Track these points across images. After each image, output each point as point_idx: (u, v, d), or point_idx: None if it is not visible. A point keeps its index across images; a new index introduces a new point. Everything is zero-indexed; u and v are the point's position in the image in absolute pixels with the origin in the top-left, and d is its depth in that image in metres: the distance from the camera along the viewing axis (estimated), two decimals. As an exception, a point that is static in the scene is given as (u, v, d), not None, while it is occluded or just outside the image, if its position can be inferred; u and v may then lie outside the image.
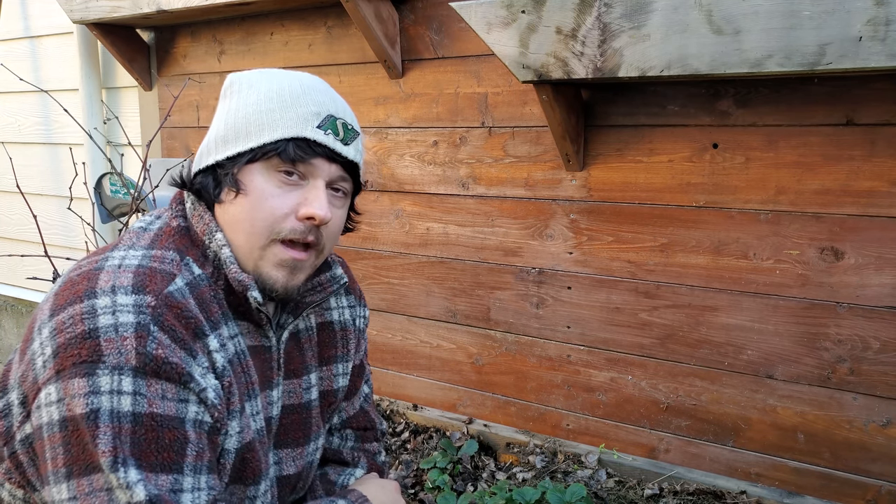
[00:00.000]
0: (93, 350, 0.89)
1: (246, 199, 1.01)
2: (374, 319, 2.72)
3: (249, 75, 1.06)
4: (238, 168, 1.01)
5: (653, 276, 2.12)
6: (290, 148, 0.99)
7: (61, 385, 0.89)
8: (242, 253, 1.03)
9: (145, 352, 0.89)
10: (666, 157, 2.06)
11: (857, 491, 1.90)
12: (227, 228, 1.03)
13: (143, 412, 0.89)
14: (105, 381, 0.88)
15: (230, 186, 1.01)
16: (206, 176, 1.04)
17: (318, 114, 1.01)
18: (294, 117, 1.00)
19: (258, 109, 1.01)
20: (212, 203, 1.05)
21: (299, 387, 1.17)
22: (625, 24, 1.77)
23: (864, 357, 1.86)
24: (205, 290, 1.01)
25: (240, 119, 1.02)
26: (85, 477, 0.88)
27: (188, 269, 1.00)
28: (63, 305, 0.93)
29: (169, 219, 1.07)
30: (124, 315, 0.91)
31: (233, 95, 1.05)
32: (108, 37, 3.08)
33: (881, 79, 1.75)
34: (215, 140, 1.04)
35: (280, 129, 0.99)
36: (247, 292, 1.01)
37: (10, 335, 4.02)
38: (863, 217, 1.82)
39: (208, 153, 1.04)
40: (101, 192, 2.95)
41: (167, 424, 0.90)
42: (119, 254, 0.99)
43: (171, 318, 0.93)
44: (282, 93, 1.02)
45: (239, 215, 1.01)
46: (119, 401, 0.88)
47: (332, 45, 2.67)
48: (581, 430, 2.31)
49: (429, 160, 2.50)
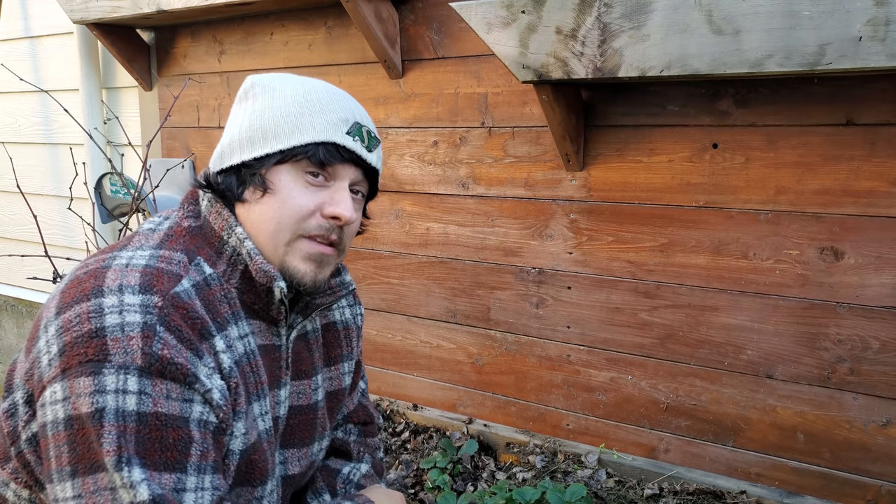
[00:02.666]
0: (99, 349, 0.89)
1: (273, 197, 1.03)
2: (373, 319, 2.72)
3: (271, 78, 1.08)
4: (266, 168, 1.03)
5: (653, 276, 2.12)
6: (321, 151, 1.02)
7: (67, 383, 0.89)
8: (267, 250, 1.04)
9: (151, 352, 0.90)
10: (666, 157, 2.06)
11: (857, 491, 1.90)
12: (251, 226, 1.05)
13: (148, 411, 0.89)
14: (111, 380, 0.88)
15: (257, 186, 1.03)
16: (230, 176, 1.06)
17: (346, 120, 1.05)
18: (324, 122, 1.03)
19: (287, 112, 1.03)
20: (232, 202, 1.06)
21: (308, 388, 1.18)
22: (625, 24, 1.77)
23: (864, 357, 1.86)
24: (215, 290, 1.01)
25: (267, 121, 1.03)
26: (90, 475, 0.88)
27: (198, 269, 1.01)
28: (70, 303, 0.93)
29: (179, 219, 1.07)
30: (131, 315, 0.91)
31: (255, 97, 1.06)
32: (108, 37, 3.08)
33: (881, 79, 1.75)
34: (239, 141, 1.05)
35: (310, 133, 1.02)
36: (272, 283, 1.03)
37: (10, 335, 4.02)
38: (863, 217, 1.82)
39: (231, 153, 1.06)
40: (102, 192, 2.96)
41: (171, 424, 0.90)
42: (127, 253, 0.99)
43: (177, 319, 0.93)
44: (309, 97, 1.05)
45: (265, 213, 1.03)
46: (124, 400, 0.88)
47: (332, 45, 2.67)
48: (581, 430, 2.31)
49: (429, 160, 2.50)
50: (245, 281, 1.04)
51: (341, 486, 1.28)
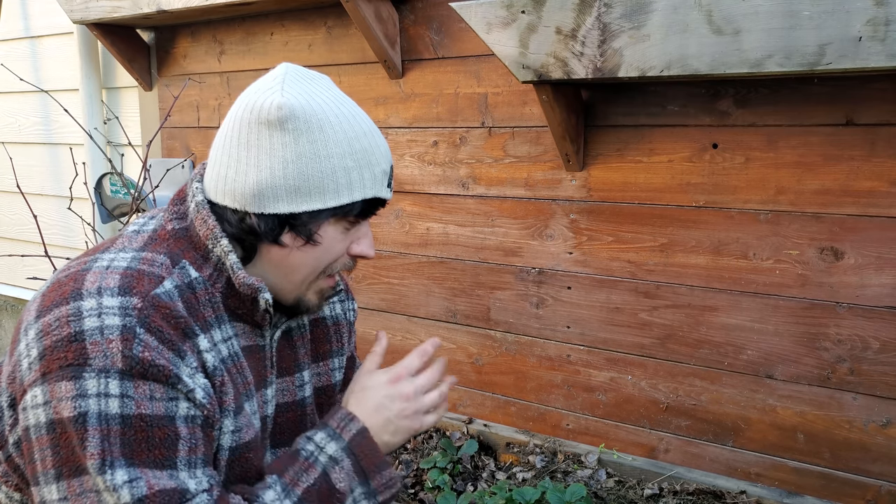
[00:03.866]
0: (79, 353, 0.89)
1: (316, 248, 1.03)
2: (374, 319, 2.72)
3: (308, 110, 0.99)
4: (318, 224, 1.02)
5: (653, 276, 2.12)
6: (366, 206, 1.04)
7: (47, 387, 0.89)
8: (288, 289, 1.06)
9: (131, 354, 0.89)
10: (666, 157, 2.06)
11: (856, 491, 1.90)
12: (276, 267, 1.04)
13: (132, 413, 0.89)
14: (92, 384, 0.88)
15: (301, 235, 1.02)
16: (271, 220, 1.01)
17: (385, 171, 1.05)
18: (371, 177, 1.03)
19: (341, 166, 1.00)
20: (259, 242, 1.04)
21: (292, 384, 1.18)
22: (625, 24, 1.77)
23: (864, 357, 1.86)
24: (199, 294, 1.01)
25: (316, 171, 0.99)
26: (75, 478, 0.88)
27: (183, 272, 1.00)
28: (49, 307, 0.93)
29: (164, 221, 1.06)
30: (110, 318, 0.91)
31: (298, 134, 0.98)
32: (108, 37, 3.08)
33: (881, 79, 1.75)
34: (286, 188, 0.99)
35: (360, 191, 1.02)
36: (257, 294, 1.02)
37: (10, 335, 4.02)
38: (863, 217, 1.82)
39: (276, 199, 0.99)
40: (102, 192, 2.96)
41: (157, 423, 0.90)
42: (109, 256, 0.99)
43: (157, 320, 0.93)
44: (354, 145, 1.01)
45: (304, 260, 1.04)
46: (107, 403, 0.88)
47: (332, 45, 2.67)
48: (581, 430, 2.31)
49: (429, 160, 2.50)
50: (230, 287, 1.03)
51: None
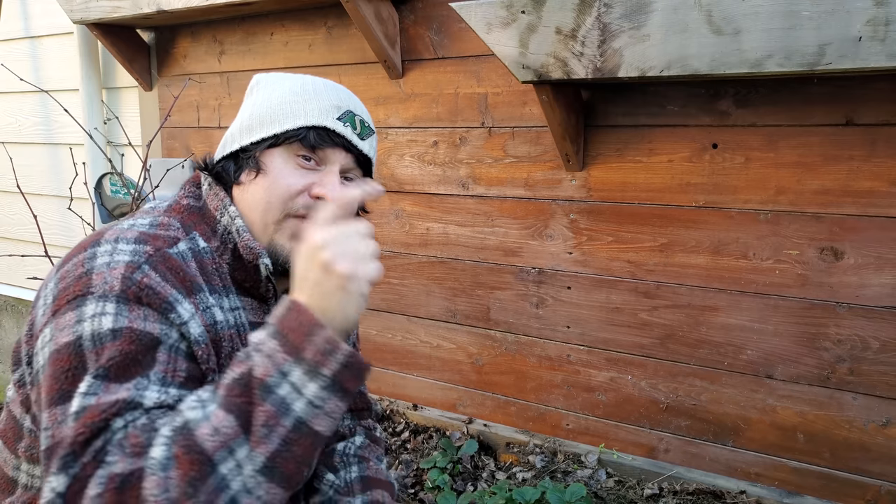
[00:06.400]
0: (85, 284, 0.91)
1: (265, 178, 1.07)
2: (374, 319, 2.72)
3: (275, 74, 1.15)
4: (260, 151, 1.08)
5: (653, 276, 2.12)
6: (311, 135, 1.06)
7: (53, 322, 0.91)
8: (258, 228, 1.08)
9: (131, 278, 0.91)
10: (666, 157, 2.06)
11: (856, 491, 1.90)
12: (244, 206, 1.09)
13: (123, 326, 0.88)
14: (90, 308, 0.89)
15: (251, 167, 1.08)
16: (229, 161, 1.12)
17: (338, 107, 1.09)
18: (316, 108, 1.08)
19: (282, 100, 1.09)
20: (230, 185, 1.11)
21: None
22: (624, 24, 1.77)
23: (864, 357, 1.86)
24: (207, 262, 1.04)
25: (264, 109, 1.09)
26: (59, 406, 0.85)
27: (193, 241, 1.04)
28: (69, 259, 0.97)
29: (179, 198, 1.12)
30: (119, 255, 0.94)
31: (259, 91, 1.13)
32: (108, 37, 3.08)
33: (881, 79, 1.75)
34: (240, 129, 1.11)
35: (302, 118, 1.07)
36: (257, 259, 1.05)
37: (11, 335, 4.02)
38: (862, 217, 1.83)
39: (232, 141, 1.11)
40: (102, 193, 2.96)
41: (145, 340, 0.89)
42: (128, 221, 1.04)
43: (164, 267, 0.95)
44: (305, 87, 1.10)
45: (257, 193, 1.07)
46: (100, 322, 0.88)
47: (332, 45, 2.67)
48: (581, 430, 2.31)
49: (429, 160, 2.50)
50: (236, 259, 1.07)
51: (339, 461, 1.30)
